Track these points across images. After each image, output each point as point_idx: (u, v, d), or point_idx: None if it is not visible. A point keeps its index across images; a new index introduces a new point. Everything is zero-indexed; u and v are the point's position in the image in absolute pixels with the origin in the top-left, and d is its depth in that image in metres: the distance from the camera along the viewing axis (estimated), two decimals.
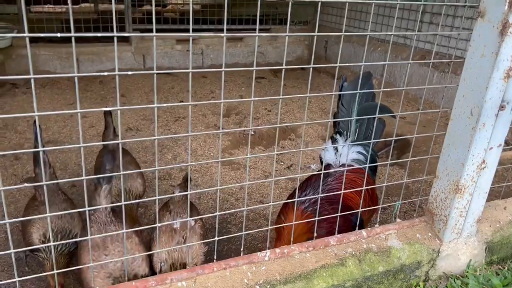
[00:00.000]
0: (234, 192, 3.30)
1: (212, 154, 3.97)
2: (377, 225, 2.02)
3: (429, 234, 2.06)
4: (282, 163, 3.91)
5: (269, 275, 1.76)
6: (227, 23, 6.63)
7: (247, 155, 3.98)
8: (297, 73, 6.52)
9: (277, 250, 1.83)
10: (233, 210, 2.21)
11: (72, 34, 1.17)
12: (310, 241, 1.91)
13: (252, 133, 4.40)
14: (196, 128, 4.53)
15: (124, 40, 6.13)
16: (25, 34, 1.13)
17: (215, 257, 1.78)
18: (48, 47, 5.69)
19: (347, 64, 1.55)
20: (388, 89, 1.87)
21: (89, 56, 5.79)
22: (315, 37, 1.56)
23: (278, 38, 6.85)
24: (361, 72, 1.93)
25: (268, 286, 1.73)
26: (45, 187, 1.41)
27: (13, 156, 3.65)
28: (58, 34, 1.18)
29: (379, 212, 2.52)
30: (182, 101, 5.11)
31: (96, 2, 7.58)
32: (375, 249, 1.94)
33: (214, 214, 1.77)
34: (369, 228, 2.02)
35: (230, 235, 2.03)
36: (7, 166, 3.51)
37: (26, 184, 1.36)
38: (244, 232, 1.81)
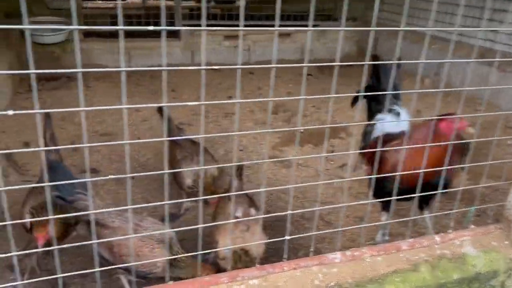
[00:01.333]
0: (288, 190, 3.27)
1: (263, 151, 3.95)
2: (450, 230, 1.94)
3: (506, 242, 1.95)
4: (333, 162, 3.85)
5: (340, 277, 1.71)
6: (274, 19, 6.60)
7: (295, 155, 3.95)
8: (345, 70, 6.37)
9: (348, 252, 1.79)
10: (301, 211, 2.17)
11: (120, 27, 1.14)
12: (380, 245, 1.85)
13: (302, 131, 4.35)
14: (244, 124, 4.53)
15: (174, 36, 6.21)
16: (75, 27, 1.10)
17: (285, 256, 1.75)
18: (101, 42, 5.84)
19: (403, 62, 1.47)
20: (447, 90, 1.78)
21: (140, 51, 5.90)
22: (372, 32, 1.50)
23: (326, 34, 6.76)
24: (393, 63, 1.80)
25: None
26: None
27: (72, 148, 3.77)
28: (105, 28, 1.17)
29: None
30: (230, 97, 5.12)
31: None
32: (449, 256, 1.85)
33: (285, 213, 1.74)
34: (442, 234, 1.94)
35: (301, 235, 2.01)
36: (66, 156, 3.62)
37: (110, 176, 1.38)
38: (314, 233, 1.78)
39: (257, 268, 1.68)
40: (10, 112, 1.25)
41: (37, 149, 1.29)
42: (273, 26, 1.38)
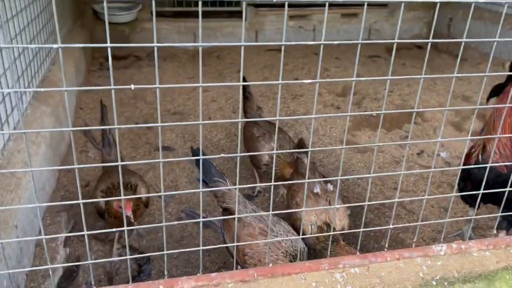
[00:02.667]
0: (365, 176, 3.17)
1: (334, 134, 3.85)
2: None
3: None
4: (409, 149, 3.67)
5: (446, 271, 1.62)
6: None
7: (367, 140, 3.81)
8: (414, 53, 6.09)
9: (454, 245, 1.68)
10: (386, 201, 2.08)
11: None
12: (488, 238, 1.73)
13: (375, 114, 4.19)
14: (312, 107, 4.42)
15: (238, 16, 6.15)
16: None
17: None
18: (169, 21, 5.89)
19: (472, 40, 1.31)
20: None
21: (205, 31, 5.90)
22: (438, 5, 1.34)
23: (395, 14, 6.45)
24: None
25: (445, 283, 1.59)
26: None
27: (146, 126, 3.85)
28: None
29: None
30: (297, 79, 5.02)
31: None
32: None
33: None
34: None
35: (379, 228, 1.92)
36: (140, 134, 3.70)
37: (222, 155, 1.35)
38: (419, 223, 1.68)
39: (359, 257, 1.61)
40: (133, 87, 1.24)
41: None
42: (341, 5, 1.28)
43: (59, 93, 3.36)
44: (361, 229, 1.63)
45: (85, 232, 1.32)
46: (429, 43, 1.37)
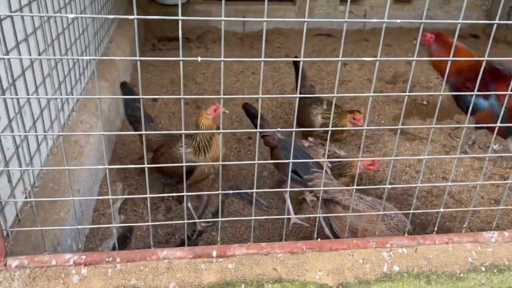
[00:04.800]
0: (412, 164, 3.13)
1: (382, 121, 3.81)
2: None
3: None
4: (458, 140, 3.58)
5: (496, 258, 1.60)
6: None
7: (417, 128, 3.73)
8: (470, 41, 5.85)
9: (506, 233, 1.66)
10: (430, 184, 2.06)
11: None
12: None
13: (425, 103, 4.10)
14: (361, 93, 4.38)
15: (288, 0, 6.13)
16: None
17: (435, 230, 1.67)
18: (218, 4, 5.95)
19: None
20: None
21: (254, 15, 5.92)
22: None
23: (450, 2, 6.21)
24: None
25: (495, 270, 1.58)
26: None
27: (194, 104, 3.96)
28: None
29: None
30: (345, 65, 4.97)
31: None
32: None
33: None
34: None
35: (428, 210, 1.91)
36: (190, 113, 3.81)
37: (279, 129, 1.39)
38: (471, 208, 1.67)
39: (407, 238, 1.63)
40: (199, 59, 1.31)
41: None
42: None
43: (116, 70, 3.52)
44: (411, 211, 1.64)
45: (148, 195, 1.41)
46: (494, 25, 1.35)
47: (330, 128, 1.48)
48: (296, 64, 3.23)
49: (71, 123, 2.45)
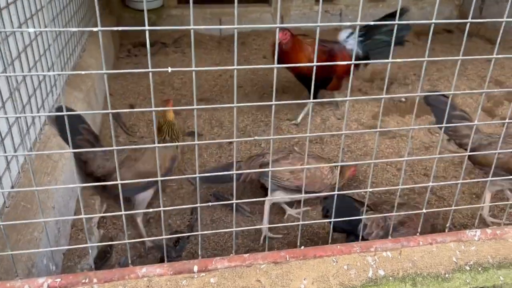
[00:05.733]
0: (393, 162, 3.13)
1: (362, 120, 3.81)
2: None
3: None
4: (438, 135, 3.61)
5: (480, 256, 1.60)
6: None
7: (395, 125, 3.75)
8: (443, 37, 5.94)
9: (488, 230, 1.66)
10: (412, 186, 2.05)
11: None
12: None
13: (403, 100, 4.12)
14: (340, 92, 4.38)
15: (263, 1, 6.11)
16: None
17: (419, 231, 1.66)
18: (194, 8, 5.88)
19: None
20: None
21: (230, 17, 5.89)
22: None
23: None
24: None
25: (479, 268, 1.57)
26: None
27: (174, 111, 3.89)
28: None
29: None
30: None
31: None
32: None
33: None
34: None
35: (410, 212, 1.90)
36: None
37: (256, 137, 1.35)
38: (453, 207, 1.66)
39: (391, 240, 1.61)
40: (169, 69, 1.26)
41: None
42: None
43: (91, 79, 3.43)
44: (394, 213, 1.62)
45: (123, 212, 1.36)
46: (468, 23, 1.34)
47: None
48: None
49: (43, 137, 2.37)
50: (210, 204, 1.42)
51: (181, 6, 5.90)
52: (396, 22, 1.32)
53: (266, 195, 2.81)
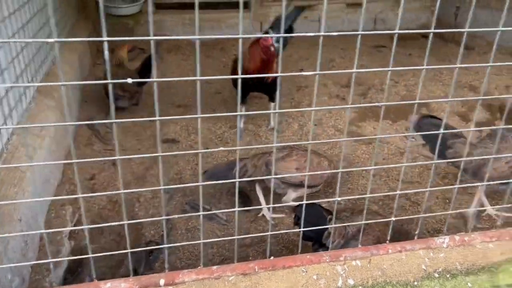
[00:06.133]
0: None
1: (339, 126, 3.83)
2: None
3: None
4: (414, 139, 3.64)
5: (449, 263, 1.61)
6: None
7: (372, 131, 3.79)
8: (420, 42, 6.01)
9: (456, 237, 1.67)
10: (383, 193, 2.06)
11: None
12: (493, 230, 1.71)
13: (379, 106, 4.15)
14: (318, 98, 4.40)
15: (243, 6, 6.11)
16: None
17: (388, 238, 1.66)
18: (173, 13, 5.86)
19: (476, 30, 1.28)
20: None
21: (209, 23, 5.87)
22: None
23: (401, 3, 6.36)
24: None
25: (448, 275, 1.58)
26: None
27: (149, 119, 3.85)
28: None
29: None
30: (302, 70, 4.99)
31: None
32: None
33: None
34: None
35: (381, 220, 1.91)
36: (146, 127, 3.70)
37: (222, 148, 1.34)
38: (421, 215, 1.67)
39: (360, 249, 1.61)
40: (130, 80, 1.24)
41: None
42: None
43: (64, 86, 3.37)
44: (363, 222, 1.62)
45: (85, 226, 1.32)
46: (431, 33, 1.36)
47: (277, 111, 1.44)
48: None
49: (11, 148, 2.31)
50: (177, 216, 1.39)
51: (159, 11, 5.86)
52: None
53: (241, 202, 2.80)
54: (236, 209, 1.58)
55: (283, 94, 4.40)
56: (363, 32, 1.31)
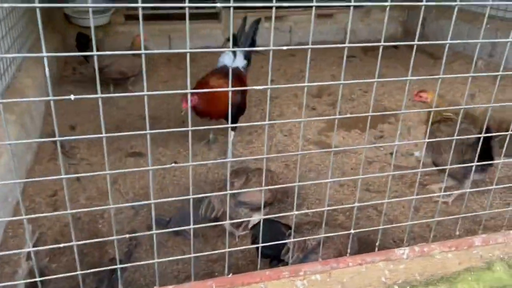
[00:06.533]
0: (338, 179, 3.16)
1: (309, 136, 3.84)
2: None
3: None
4: (383, 149, 3.68)
5: (409, 274, 1.61)
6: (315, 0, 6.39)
7: (341, 140, 3.81)
8: (389, 52, 6.11)
9: (416, 248, 1.68)
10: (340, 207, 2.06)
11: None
12: (451, 240, 1.73)
13: (349, 115, 4.19)
14: (289, 108, 4.42)
15: (214, 17, 6.11)
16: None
17: (348, 251, 1.65)
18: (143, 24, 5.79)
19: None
20: (503, 73, 1.63)
21: (179, 34, 5.85)
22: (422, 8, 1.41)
23: (370, 15, 6.48)
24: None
25: (408, 287, 1.58)
26: None
27: (116, 131, 3.78)
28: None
29: None
30: (273, 81, 5.00)
31: None
32: None
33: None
34: None
35: (343, 232, 1.90)
36: (112, 141, 3.62)
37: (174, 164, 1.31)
38: (381, 227, 1.67)
39: (320, 263, 1.59)
40: (72, 97, 1.20)
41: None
42: (316, 7, 1.28)
43: (26, 102, 3.28)
44: (322, 235, 1.61)
45: (30, 249, 1.27)
46: (414, 45, 1.38)
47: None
48: None
49: None
50: (128, 236, 1.35)
51: (128, 22, 5.80)
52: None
53: None
54: (192, 255, 1.55)
55: (254, 105, 4.40)
56: (349, 45, 1.32)
